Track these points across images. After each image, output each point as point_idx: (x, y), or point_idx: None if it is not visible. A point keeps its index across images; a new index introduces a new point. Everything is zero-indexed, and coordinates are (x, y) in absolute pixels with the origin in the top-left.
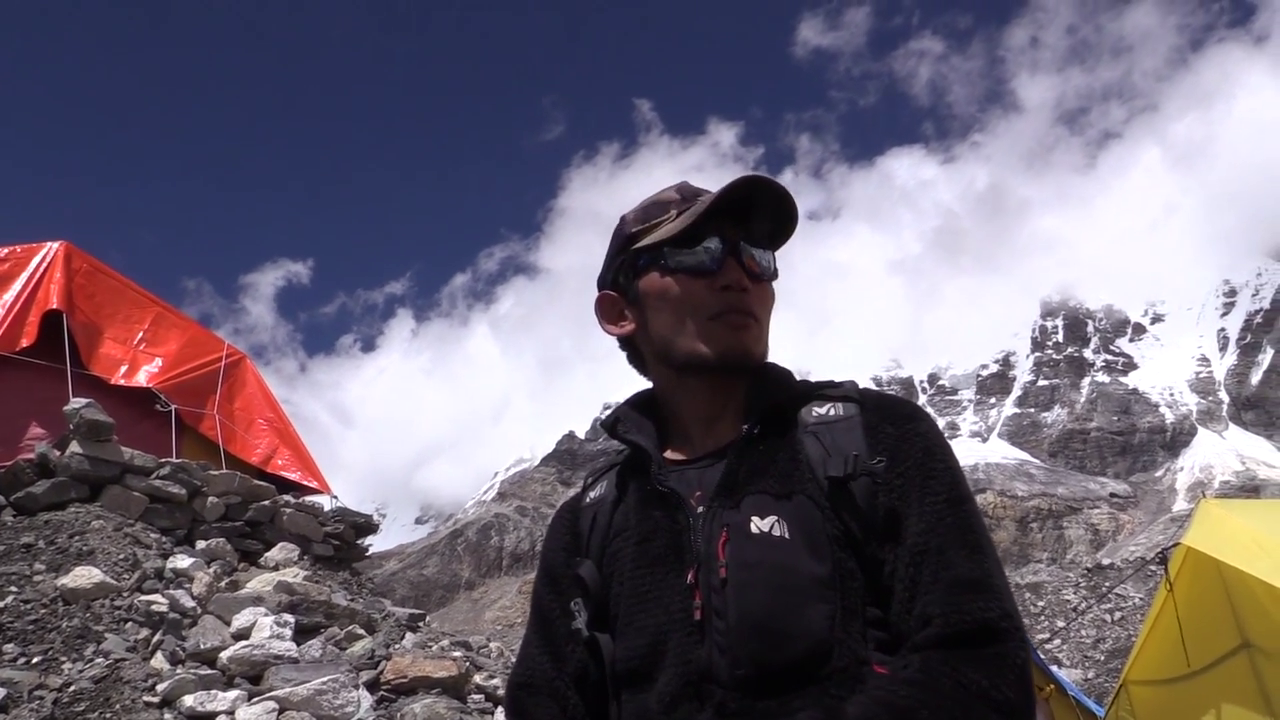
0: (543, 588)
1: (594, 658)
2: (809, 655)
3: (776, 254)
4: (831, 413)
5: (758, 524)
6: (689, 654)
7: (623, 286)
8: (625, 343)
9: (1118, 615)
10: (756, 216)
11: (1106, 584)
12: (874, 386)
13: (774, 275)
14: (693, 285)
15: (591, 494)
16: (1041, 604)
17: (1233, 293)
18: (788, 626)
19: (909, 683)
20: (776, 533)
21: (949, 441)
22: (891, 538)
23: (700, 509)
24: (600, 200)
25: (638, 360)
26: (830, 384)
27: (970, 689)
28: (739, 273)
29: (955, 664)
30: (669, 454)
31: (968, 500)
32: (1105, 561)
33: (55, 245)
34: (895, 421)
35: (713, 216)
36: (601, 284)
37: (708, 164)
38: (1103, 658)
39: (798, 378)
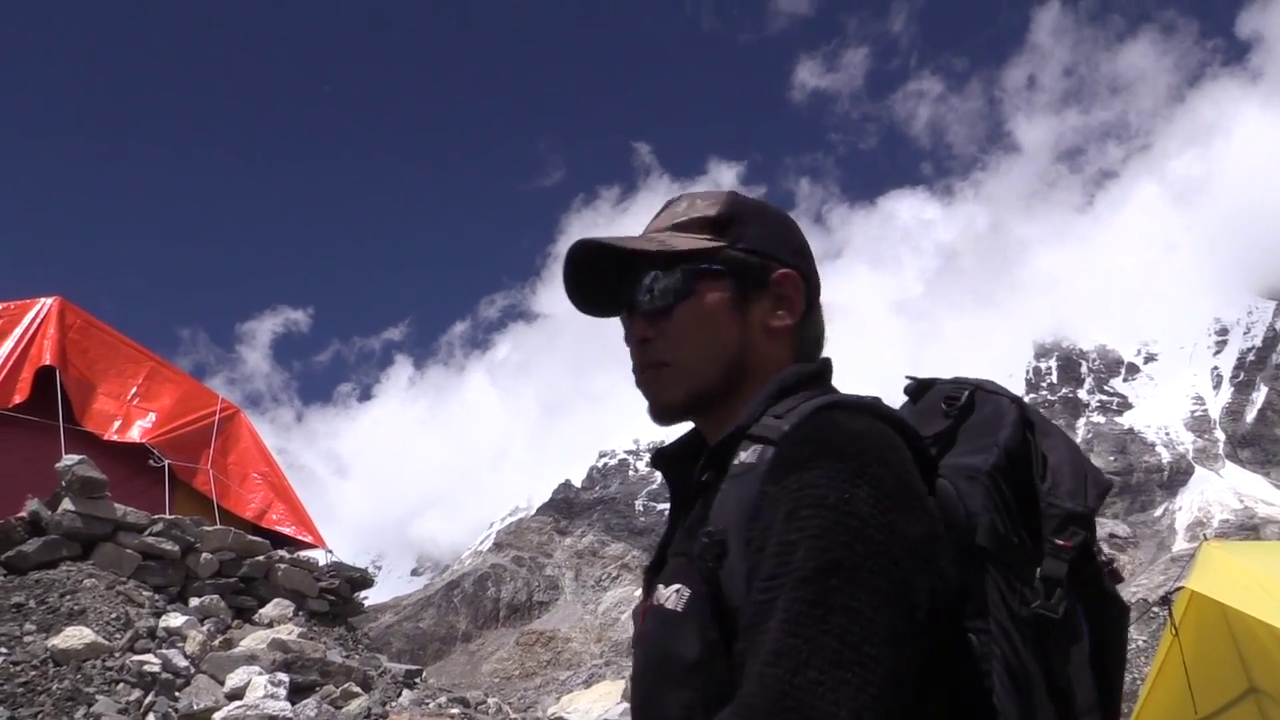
0: None
1: None
2: None
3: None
4: (747, 460)
5: (661, 593)
6: None
7: None
8: None
9: None
10: (594, 270)
11: None
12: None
13: (658, 299)
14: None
15: None
16: None
17: (1224, 331)
18: (651, 713)
19: None
20: (670, 605)
21: (850, 497)
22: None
23: None
24: None
25: None
26: (773, 415)
27: None
28: (627, 327)
29: None
30: None
31: (814, 581)
32: None
33: (49, 301)
34: (776, 475)
35: (573, 294)
36: None
37: None
38: None
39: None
